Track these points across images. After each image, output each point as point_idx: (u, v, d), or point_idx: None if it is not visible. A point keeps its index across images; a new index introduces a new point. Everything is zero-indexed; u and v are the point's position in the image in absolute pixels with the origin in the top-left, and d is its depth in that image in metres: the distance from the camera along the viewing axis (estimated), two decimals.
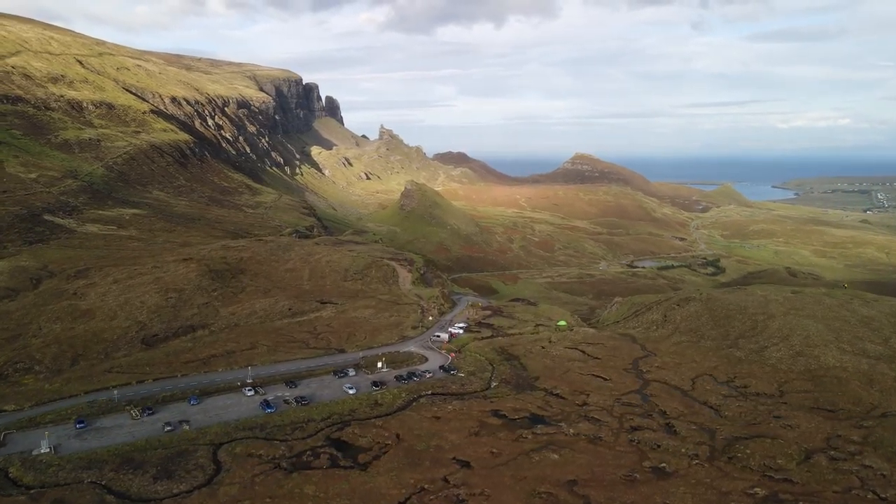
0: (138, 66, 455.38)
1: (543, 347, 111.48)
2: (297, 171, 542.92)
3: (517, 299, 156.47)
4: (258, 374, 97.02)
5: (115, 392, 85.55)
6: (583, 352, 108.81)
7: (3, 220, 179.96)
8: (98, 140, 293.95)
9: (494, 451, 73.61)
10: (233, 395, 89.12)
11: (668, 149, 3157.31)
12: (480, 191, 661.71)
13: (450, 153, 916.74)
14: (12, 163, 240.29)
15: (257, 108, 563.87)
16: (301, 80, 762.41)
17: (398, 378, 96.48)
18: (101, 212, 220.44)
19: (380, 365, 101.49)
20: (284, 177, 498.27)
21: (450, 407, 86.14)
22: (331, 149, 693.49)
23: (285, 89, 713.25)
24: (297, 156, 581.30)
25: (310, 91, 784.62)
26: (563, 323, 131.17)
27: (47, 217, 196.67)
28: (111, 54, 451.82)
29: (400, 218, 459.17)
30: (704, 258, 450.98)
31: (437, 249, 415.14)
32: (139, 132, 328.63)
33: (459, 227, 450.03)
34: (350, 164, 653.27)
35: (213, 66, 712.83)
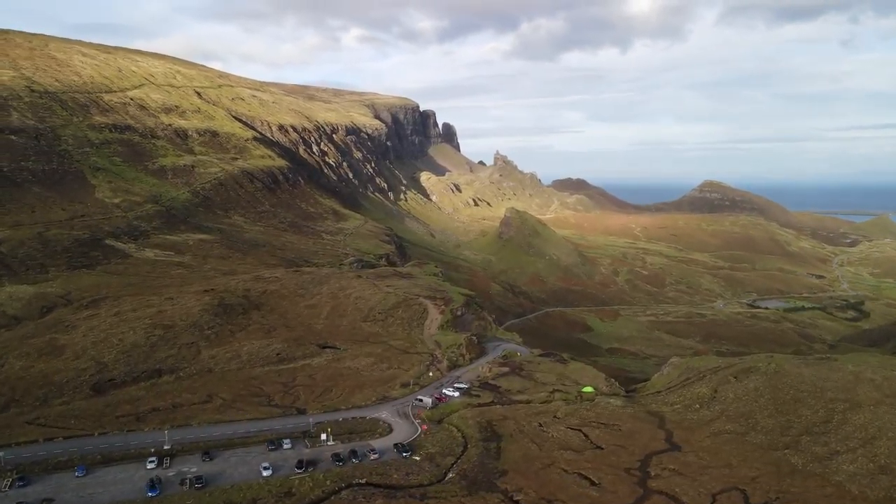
0: (253, 96, 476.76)
1: (541, 425, 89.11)
2: (402, 196, 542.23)
3: (547, 354, 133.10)
4: (185, 438, 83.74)
5: (2, 453, 75.41)
6: (586, 436, 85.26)
7: (60, 243, 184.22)
8: (192, 166, 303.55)
9: None
10: (132, 465, 76.06)
11: (817, 176, 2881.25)
12: (593, 219, 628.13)
13: (568, 179, 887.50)
14: (104, 188, 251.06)
15: (368, 134, 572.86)
16: (418, 107, 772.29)
17: (335, 457, 78.97)
18: (168, 236, 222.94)
19: (324, 437, 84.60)
20: (386, 202, 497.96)
21: None
22: (443, 174, 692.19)
23: (401, 116, 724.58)
24: (404, 181, 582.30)
25: (426, 118, 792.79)
26: (588, 389, 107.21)
27: (108, 241, 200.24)
28: (230, 86, 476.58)
29: (497, 246, 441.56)
30: (845, 299, 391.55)
31: (532, 280, 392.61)
32: (236, 159, 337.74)
33: (559, 258, 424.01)
34: (459, 190, 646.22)
35: (335, 95, 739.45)
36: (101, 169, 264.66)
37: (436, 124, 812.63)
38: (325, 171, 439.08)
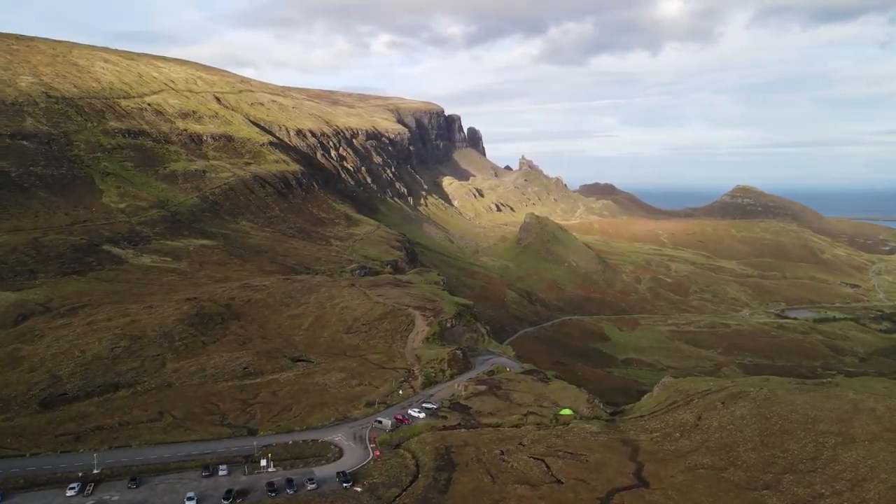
0: (273, 101, 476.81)
1: (503, 453, 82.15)
2: (422, 201, 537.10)
3: (530, 371, 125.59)
4: (118, 461, 79.15)
5: None
6: (548, 467, 78.02)
7: (54, 249, 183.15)
8: (203, 171, 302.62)
9: None
10: (53, 491, 71.58)
11: (858, 180, 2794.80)
12: (618, 225, 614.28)
13: (596, 184, 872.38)
14: (111, 193, 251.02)
15: (390, 139, 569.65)
16: (442, 111, 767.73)
17: (269, 486, 73.29)
18: (169, 242, 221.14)
19: (264, 462, 78.99)
20: (405, 207, 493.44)
21: None
22: (467, 179, 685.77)
23: (426, 121, 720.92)
24: (426, 186, 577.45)
25: (451, 122, 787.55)
26: (566, 411, 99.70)
27: (106, 247, 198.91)
28: (250, 91, 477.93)
29: (515, 252, 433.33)
30: (880, 310, 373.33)
31: (549, 288, 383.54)
32: (250, 164, 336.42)
33: (578, 265, 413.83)
34: (481, 194, 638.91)
35: (360, 100, 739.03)
36: (111, 174, 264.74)
37: (461, 129, 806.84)
38: (343, 175, 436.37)
